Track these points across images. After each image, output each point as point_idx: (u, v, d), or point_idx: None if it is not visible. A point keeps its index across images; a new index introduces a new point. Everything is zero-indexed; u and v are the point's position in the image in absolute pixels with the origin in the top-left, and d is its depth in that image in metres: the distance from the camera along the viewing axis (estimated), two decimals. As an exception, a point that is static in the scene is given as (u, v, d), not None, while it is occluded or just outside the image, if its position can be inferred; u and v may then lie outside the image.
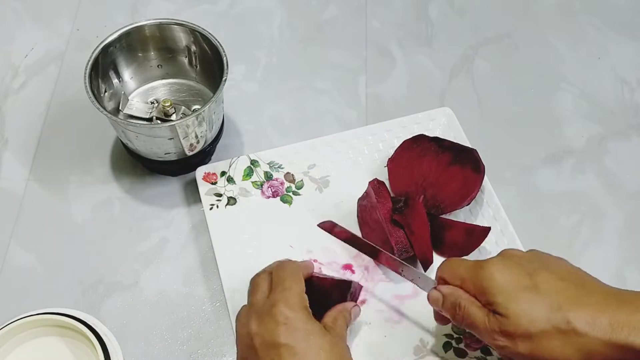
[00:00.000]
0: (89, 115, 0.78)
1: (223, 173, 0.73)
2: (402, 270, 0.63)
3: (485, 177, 0.72)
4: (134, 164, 0.76)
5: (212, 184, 0.73)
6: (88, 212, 0.74)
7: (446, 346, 0.65)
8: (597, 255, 0.72)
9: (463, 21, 0.90)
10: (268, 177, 0.74)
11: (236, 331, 0.58)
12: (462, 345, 0.65)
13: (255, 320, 0.55)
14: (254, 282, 0.60)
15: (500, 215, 0.71)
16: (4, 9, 0.89)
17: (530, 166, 0.78)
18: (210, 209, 0.71)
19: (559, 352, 0.50)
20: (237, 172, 0.74)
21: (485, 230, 0.68)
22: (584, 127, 0.81)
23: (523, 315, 0.51)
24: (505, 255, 0.56)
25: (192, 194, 0.74)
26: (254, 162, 0.74)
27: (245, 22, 0.89)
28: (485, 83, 0.85)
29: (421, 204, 0.69)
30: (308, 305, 0.57)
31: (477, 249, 0.69)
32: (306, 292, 0.58)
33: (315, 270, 0.63)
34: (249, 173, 0.74)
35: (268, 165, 0.74)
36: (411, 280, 0.63)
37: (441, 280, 0.58)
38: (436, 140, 0.73)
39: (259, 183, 0.74)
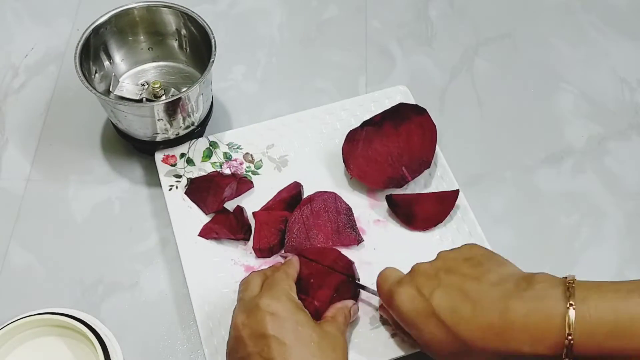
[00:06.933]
0: (89, 115, 0.78)
1: (182, 155, 0.74)
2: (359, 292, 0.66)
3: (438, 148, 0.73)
4: (134, 164, 0.76)
5: (172, 165, 0.73)
6: (88, 212, 0.74)
7: None
8: (597, 255, 0.72)
9: (463, 21, 0.90)
10: (227, 157, 0.74)
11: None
12: None
13: (243, 313, 0.56)
14: (245, 281, 0.61)
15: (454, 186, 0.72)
16: (4, 9, 0.89)
17: (530, 166, 0.78)
18: (170, 189, 0.72)
19: None
20: (196, 154, 0.74)
21: (455, 193, 0.70)
22: (584, 127, 0.81)
23: (430, 345, 0.56)
24: (414, 273, 0.59)
25: (192, 194, 0.74)
26: (213, 144, 0.75)
27: (245, 22, 0.89)
28: (485, 83, 0.85)
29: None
30: (296, 297, 0.59)
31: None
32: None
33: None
34: (208, 154, 0.74)
35: (227, 146, 0.75)
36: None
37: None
38: (366, 123, 0.74)
39: (218, 164, 0.74)
